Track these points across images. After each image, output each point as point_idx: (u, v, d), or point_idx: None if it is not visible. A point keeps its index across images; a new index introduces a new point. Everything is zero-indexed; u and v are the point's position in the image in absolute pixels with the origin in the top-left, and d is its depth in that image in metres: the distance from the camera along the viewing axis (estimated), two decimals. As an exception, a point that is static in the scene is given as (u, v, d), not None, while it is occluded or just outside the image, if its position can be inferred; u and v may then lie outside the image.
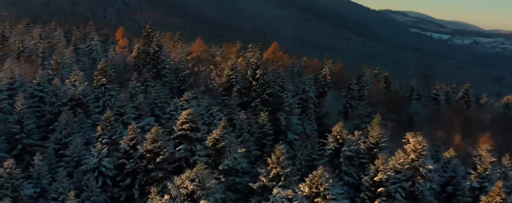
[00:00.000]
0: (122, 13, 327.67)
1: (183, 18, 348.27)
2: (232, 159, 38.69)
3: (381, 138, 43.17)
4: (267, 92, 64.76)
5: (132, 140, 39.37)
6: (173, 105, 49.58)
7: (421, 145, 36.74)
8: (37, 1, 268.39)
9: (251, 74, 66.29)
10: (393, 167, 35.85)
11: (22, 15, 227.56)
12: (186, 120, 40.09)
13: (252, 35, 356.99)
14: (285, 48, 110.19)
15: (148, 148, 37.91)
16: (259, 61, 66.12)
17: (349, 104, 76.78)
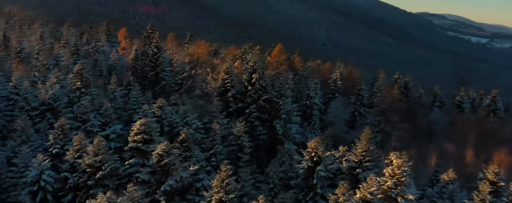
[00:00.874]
0: (151, 14, 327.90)
1: (214, 19, 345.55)
2: (178, 178, 33.81)
3: (365, 156, 37.11)
4: (263, 98, 59.73)
5: (78, 152, 35.20)
6: (142, 111, 45.17)
7: (401, 169, 29.99)
8: (67, 2, 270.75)
9: (247, 79, 61.42)
10: (362, 197, 29.09)
11: (51, 16, 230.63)
12: (139, 131, 35.64)
13: (284, 37, 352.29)
14: (301, 51, 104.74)
15: (88, 162, 33.65)
16: (256, 64, 61.09)
17: (357, 112, 70.89)
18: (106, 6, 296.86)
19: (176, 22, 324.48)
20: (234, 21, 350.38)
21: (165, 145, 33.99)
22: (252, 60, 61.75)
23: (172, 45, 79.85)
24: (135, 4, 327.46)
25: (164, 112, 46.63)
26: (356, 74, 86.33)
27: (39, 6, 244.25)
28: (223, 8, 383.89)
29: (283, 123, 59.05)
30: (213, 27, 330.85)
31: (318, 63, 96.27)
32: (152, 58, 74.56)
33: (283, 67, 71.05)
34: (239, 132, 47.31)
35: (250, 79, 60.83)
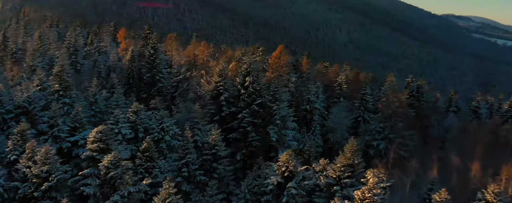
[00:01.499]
0: (171, 14, 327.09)
1: (232, 20, 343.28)
2: (125, 193, 30.56)
3: (345, 171, 33.15)
4: (257, 103, 56.15)
5: (30, 160, 32.29)
6: (113, 117, 42.08)
7: (372, 191, 25.74)
8: (84, 2, 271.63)
9: (240, 82, 57.99)
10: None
11: (67, 16, 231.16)
12: (95, 139, 32.58)
13: (302, 39, 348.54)
14: (317, 52, 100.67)
15: (34, 172, 30.72)
16: (250, 66, 57.61)
17: (362, 117, 66.74)
18: (123, 6, 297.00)
19: (195, 23, 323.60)
20: (251, 22, 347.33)
21: (113, 156, 30.79)
22: (246, 62, 58.29)
23: (172, 46, 76.82)
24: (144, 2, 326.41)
25: (139, 117, 43.47)
26: (364, 78, 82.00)
27: (56, 7, 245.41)
28: (242, 9, 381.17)
29: (277, 129, 55.47)
30: (231, 28, 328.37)
31: (326, 65, 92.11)
32: (149, 60, 71.91)
33: (284, 69, 67.36)
34: (214, 140, 43.73)
35: (244, 82, 57.39)
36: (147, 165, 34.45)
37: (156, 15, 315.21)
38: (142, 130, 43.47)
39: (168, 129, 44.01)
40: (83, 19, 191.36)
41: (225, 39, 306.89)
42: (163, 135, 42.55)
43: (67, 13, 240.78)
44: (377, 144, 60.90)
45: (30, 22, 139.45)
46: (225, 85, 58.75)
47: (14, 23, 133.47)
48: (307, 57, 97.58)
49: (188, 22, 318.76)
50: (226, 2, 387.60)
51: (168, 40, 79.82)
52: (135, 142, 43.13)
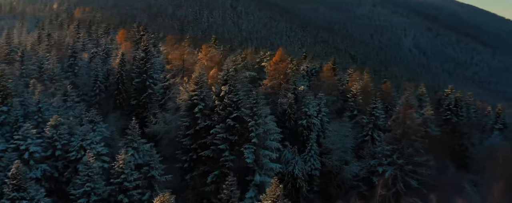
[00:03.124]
0: (227, 17, 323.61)
1: (290, 23, 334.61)
2: None
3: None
4: (233, 116, 47.75)
5: None
6: (22, 132, 35.38)
7: None
8: (139, 4, 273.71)
9: (216, 92, 49.84)
10: None
11: (118, 17, 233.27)
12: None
13: (363, 43, 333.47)
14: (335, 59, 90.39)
15: None
16: (229, 73, 49.26)
17: (370, 137, 56.27)
18: (179, 8, 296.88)
19: (251, 26, 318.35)
20: (311, 26, 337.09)
21: None
22: (225, 69, 49.98)
23: (171, 49, 69.99)
24: (210, 6, 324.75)
25: (58, 132, 36.58)
26: (388, 89, 70.90)
27: (110, 8, 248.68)
28: (303, 12, 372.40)
29: (255, 148, 46.75)
30: (288, 31, 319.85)
31: (350, 72, 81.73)
32: (139, 64, 65.57)
33: (281, 77, 58.29)
34: (120, 167, 35.69)
35: (219, 92, 49.24)
36: (13, 196, 27.38)
37: (212, 16, 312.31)
38: (60, 146, 36.60)
39: (92, 147, 36.80)
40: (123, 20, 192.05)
41: (281, 42, 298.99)
42: (83, 155, 35.48)
43: (119, 14, 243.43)
44: (383, 170, 50.39)
45: (73, 22, 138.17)
46: (201, 95, 50.87)
47: (47, 23, 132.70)
48: (333, 63, 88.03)
49: (243, 24, 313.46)
50: (287, 4, 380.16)
51: (167, 42, 72.79)
52: (54, 160, 36.31)
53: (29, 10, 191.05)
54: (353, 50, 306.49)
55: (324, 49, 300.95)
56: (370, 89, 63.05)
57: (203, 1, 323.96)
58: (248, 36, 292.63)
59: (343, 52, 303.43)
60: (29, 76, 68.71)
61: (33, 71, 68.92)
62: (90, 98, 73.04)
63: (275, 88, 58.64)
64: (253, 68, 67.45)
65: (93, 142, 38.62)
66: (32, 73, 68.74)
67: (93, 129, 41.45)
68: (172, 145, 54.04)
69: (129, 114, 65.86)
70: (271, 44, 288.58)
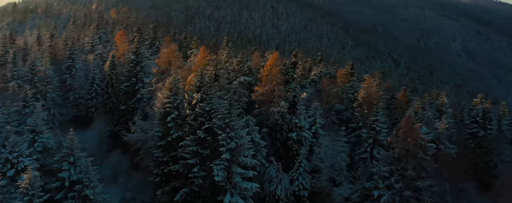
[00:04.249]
0: (267, 18, 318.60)
1: (332, 25, 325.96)
2: None
3: None
4: (204, 128, 42.33)
5: None
6: None
7: None
8: (176, 5, 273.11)
9: (188, 99, 44.58)
10: None
11: (154, 17, 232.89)
12: None
13: (408, 47, 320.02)
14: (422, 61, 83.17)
15: None
16: (202, 79, 43.87)
17: (369, 154, 49.37)
18: (218, 9, 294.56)
19: (290, 27, 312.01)
20: (354, 28, 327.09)
21: None
22: (199, 74, 44.57)
23: (168, 51, 65.30)
24: (250, 8, 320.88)
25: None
26: (404, 97, 63.26)
27: (147, 9, 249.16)
28: (346, 14, 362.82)
29: (227, 165, 41.13)
30: (329, 34, 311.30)
31: (366, 77, 74.20)
32: (129, 66, 61.36)
33: (273, 83, 52.27)
34: (22, 187, 30.66)
35: (191, 100, 43.95)
36: None
37: (251, 18, 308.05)
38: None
39: (18, 160, 32.32)
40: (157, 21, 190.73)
41: (320, 45, 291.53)
42: (9, 168, 31.06)
43: (156, 15, 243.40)
44: (378, 194, 43.53)
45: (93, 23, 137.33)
46: (175, 103, 45.77)
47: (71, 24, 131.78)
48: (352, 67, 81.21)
49: (282, 26, 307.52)
50: (330, 6, 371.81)
51: (166, 43, 68.25)
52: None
53: (66, 10, 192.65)
54: (397, 54, 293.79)
55: (366, 53, 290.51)
56: (375, 98, 55.58)
57: (243, 2, 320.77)
58: (286, 38, 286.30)
59: (386, 56, 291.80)
60: (20, 78, 66.25)
61: (24, 73, 66.20)
62: (87, 102, 69.90)
63: (269, 95, 52.62)
64: (254, 72, 61.63)
65: (22, 155, 34.29)
66: (23, 76, 66.11)
67: (34, 139, 37.29)
68: (148, 156, 49.35)
69: (118, 119, 62.14)
70: (311, 47, 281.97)
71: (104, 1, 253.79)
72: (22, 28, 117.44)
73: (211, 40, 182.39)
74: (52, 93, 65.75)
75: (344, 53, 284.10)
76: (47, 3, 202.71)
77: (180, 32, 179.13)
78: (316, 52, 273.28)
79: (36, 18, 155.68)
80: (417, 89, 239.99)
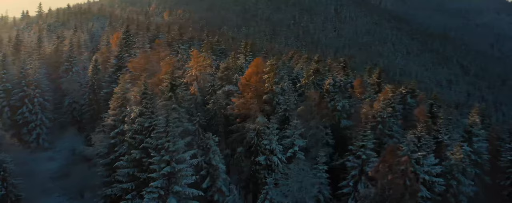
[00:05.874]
0: (328, 22, 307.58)
1: (397, 29, 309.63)
2: None
3: None
4: (141, 146, 35.61)
5: None
6: None
7: None
8: (234, 7, 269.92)
9: (128, 113, 38.05)
10: None
11: (210, 19, 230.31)
12: None
13: (479, 53, 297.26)
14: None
15: None
16: (145, 89, 37.14)
17: (352, 188, 40.25)
18: (277, 12, 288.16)
19: (352, 31, 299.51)
20: (420, 33, 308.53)
21: None
22: (143, 84, 37.85)
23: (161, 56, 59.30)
24: (312, 11, 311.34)
25: None
26: (422, 113, 52.74)
27: (204, 11, 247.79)
28: (413, 18, 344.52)
29: (160, 193, 34.12)
30: (393, 38, 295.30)
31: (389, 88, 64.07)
32: (110, 72, 56.18)
33: (249, 95, 44.56)
34: None
35: (130, 114, 37.40)
36: None
37: (312, 21, 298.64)
38: None
39: None
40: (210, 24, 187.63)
41: (383, 50, 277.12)
42: None
43: (212, 17, 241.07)
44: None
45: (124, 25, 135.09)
46: (121, 115, 39.52)
47: (107, 25, 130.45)
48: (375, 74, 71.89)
49: (344, 29, 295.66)
50: (398, 10, 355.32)
51: (157, 48, 62.34)
52: None
53: (118, 12, 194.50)
54: (467, 61, 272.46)
55: (432, 59, 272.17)
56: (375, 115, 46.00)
57: (304, 5, 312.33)
58: (346, 42, 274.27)
59: (454, 63, 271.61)
60: (10, 81, 63.37)
61: (13, 76, 63.26)
62: (81, 107, 65.78)
63: (247, 109, 45.03)
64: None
65: None
66: (12, 79, 63.18)
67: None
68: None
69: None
70: (372, 51, 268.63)
71: (162, 3, 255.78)
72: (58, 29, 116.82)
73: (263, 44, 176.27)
74: (39, 98, 62.16)
75: (408, 59, 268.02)
76: (101, 5, 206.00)
77: (227, 35, 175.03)
78: (376, 58, 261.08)
79: (86, 19, 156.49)
80: (486, 99, 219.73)
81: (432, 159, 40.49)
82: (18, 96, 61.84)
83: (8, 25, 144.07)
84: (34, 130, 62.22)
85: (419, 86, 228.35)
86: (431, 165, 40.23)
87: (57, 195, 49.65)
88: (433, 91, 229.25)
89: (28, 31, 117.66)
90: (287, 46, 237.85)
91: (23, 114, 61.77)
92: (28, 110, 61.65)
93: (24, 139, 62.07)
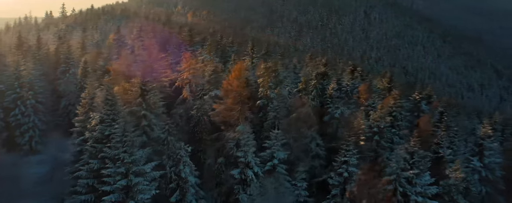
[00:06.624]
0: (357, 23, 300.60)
1: (429, 31, 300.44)
2: None
3: None
4: (101, 156, 32.95)
5: None
6: None
7: None
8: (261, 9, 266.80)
9: (91, 120, 35.46)
10: None
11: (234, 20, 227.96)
12: None
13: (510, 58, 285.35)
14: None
15: None
16: (107, 92, 34.48)
17: (339, 198, 36.52)
18: (305, 13, 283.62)
19: (381, 33, 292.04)
20: (453, 35, 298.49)
21: None
22: (105, 88, 35.19)
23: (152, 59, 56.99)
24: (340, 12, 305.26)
25: None
26: (426, 125, 48.24)
27: (229, 12, 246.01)
28: (446, 20, 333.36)
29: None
30: (424, 41, 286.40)
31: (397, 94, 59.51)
32: (98, 74, 53.99)
33: (229, 101, 41.39)
34: None
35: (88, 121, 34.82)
36: None
37: (340, 23, 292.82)
38: None
39: None
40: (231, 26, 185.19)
41: (413, 52, 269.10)
42: None
43: (237, 18, 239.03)
44: None
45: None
46: (86, 122, 37.04)
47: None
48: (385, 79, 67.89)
49: (373, 31, 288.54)
50: (430, 12, 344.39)
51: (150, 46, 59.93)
52: None
53: (143, 12, 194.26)
54: (501, 65, 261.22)
55: (464, 62, 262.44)
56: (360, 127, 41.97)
57: (333, 7, 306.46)
58: (374, 44, 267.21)
59: (488, 66, 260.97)
60: (4, 83, 62.04)
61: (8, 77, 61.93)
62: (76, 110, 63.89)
63: (228, 116, 41.92)
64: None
65: None
66: (6, 80, 61.83)
67: None
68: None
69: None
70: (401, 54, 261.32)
71: (188, 4, 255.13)
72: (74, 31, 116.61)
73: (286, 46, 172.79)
74: (32, 100, 60.58)
75: (438, 62, 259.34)
76: (125, 6, 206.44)
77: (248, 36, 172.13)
78: (405, 61, 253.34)
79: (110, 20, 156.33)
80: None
81: (427, 177, 36.07)
82: (11, 98, 60.44)
83: (28, 26, 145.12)
84: (26, 132, 60.66)
85: (449, 91, 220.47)
86: (425, 185, 35.84)
87: (35, 201, 47.78)
88: (463, 96, 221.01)
89: (45, 32, 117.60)
90: (312, 48, 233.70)
91: (15, 116, 60.31)
92: (20, 112, 60.16)
93: (16, 141, 60.71)
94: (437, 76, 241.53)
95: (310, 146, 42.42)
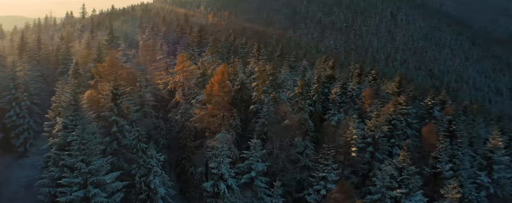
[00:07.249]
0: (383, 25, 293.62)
1: (458, 34, 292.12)
2: None
3: None
4: (62, 164, 31.07)
5: None
6: None
7: None
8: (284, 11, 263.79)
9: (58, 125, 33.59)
10: None
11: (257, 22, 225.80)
12: None
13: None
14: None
15: None
16: (72, 96, 32.51)
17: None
18: (329, 15, 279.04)
19: (408, 35, 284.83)
20: (482, 38, 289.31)
21: None
22: (59, 90, 33.26)
23: (146, 60, 55.20)
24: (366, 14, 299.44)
25: None
26: (430, 133, 44.65)
27: (251, 13, 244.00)
28: (476, 22, 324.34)
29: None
30: (452, 43, 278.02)
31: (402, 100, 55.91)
32: (88, 76, 52.47)
33: (209, 107, 38.98)
34: None
35: (54, 127, 32.91)
36: None
37: (365, 25, 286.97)
38: None
39: None
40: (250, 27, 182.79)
41: (440, 55, 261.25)
42: None
43: (258, 19, 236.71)
44: None
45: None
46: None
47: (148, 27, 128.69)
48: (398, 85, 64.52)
49: (399, 33, 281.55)
50: (459, 14, 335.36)
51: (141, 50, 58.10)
52: None
53: (163, 13, 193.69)
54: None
55: (493, 65, 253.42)
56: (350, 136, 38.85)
57: (359, 8, 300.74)
58: (400, 46, 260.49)
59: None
60: (0, 84, 61.37)
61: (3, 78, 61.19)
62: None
63: (210, 122, 39.55)
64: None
65: None
66: (3, 81, 61.11)
67: None
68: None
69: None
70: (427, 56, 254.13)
71: (211, 5, 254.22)
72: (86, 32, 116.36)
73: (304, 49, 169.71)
74: (27, 101, 59.65)
75: (466, 65, 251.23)
76: (146, 6, 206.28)
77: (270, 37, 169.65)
78: (431, 64, 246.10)
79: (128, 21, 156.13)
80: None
81: (418, 197, 32.75)
82: (6, 99, 59.64)
83: (47, 27, 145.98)
84: (21, 134, 59.79)
85: (475, 95, 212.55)
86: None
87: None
88: (490, 100, 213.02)
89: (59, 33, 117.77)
90: (335, 50, 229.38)
91: (11, 117, 59.54)
92: (15, 113, 59.34)
93: (12, 143, 59.88)
94: (464, 80, 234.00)
95: (300, 156, 39.60)
